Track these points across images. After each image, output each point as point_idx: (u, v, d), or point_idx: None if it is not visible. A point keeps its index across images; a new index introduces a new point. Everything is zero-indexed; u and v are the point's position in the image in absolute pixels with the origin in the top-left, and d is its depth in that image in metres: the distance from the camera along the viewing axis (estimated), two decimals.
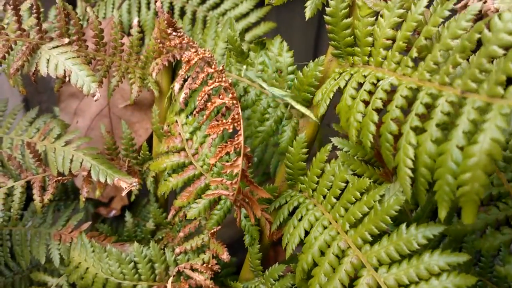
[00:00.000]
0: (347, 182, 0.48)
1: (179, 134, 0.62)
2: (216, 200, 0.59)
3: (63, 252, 0.65)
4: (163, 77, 0.66)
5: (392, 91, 0.43)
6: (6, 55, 0.59)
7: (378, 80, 0.45)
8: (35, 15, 0.59)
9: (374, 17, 0.47)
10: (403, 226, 0.42)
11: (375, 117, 0.43)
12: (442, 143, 0.36)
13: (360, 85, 0.46)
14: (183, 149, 0.61)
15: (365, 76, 0.46)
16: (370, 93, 0.45)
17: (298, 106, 0.53)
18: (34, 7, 0.59)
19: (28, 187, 0.65)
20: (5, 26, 0.65)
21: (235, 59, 0.59)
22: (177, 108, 0.63)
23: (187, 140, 0.61)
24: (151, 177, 0.67)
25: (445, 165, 0.35)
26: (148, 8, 0.92)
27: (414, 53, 0.42)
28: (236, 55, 0.59)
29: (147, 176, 0.68)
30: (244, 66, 0.57)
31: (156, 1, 0.91)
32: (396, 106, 0.41)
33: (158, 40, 0.61)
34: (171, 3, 0.92)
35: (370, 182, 0.46)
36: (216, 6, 0.92)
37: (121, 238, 0.70)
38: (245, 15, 0.92)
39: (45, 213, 0.71)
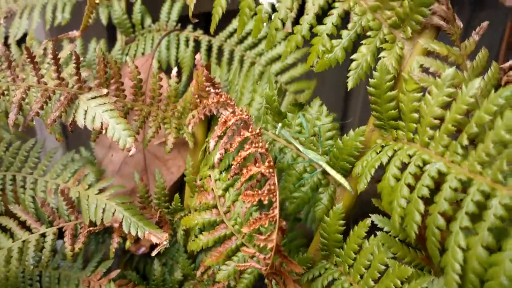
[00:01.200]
0: (386, 265, 0.46)
1: (212, 190, 0.60)
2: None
3: None
4: (198, 129, 0.65)
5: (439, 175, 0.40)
6: (44, 105, 0.59)
7: (425, 163, 0.42)
8: (75, 64, 0.60)
9: (421, 93, 0.44)
10: None
11: (421, 206, 0.40)
12: (495, 251, 0.33)
13: (404, 165, 0.44)
14: (215, 206, 0.60)
15: (410, 156, 0.43)
16: (415, 176, 0.42)
17: (334, 174, 0.51)
18: (74, 57, 0.59)
19: (60, 231, 0.66)
20: (44, 72, 0.66)
21: (272, 118, 0.58)
22: (211, 162, 0.62)
23: (219, 196, 0.60)
24: (181, 230, 0.66)
25: (497, 279, 0.32)
26: (187, 45, 0.92)
27: (464, 140, 0.39)
28: (273, 114, 0.57)
29: (177, 227, 0.67)
30: (279, 124, 0.56)
31: (197, 41, 0.91)
32: (445, 199, 0.38)
33: (196, 95, 0.60)
34: (209, 41, 0.92)
35: (412, 271, 0.43)
36: (253, 46, 0.91)
37: (149, 286, 0.70)
38: (282, 55, 0.91)
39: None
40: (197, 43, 0.92)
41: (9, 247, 0.63)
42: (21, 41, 0.91)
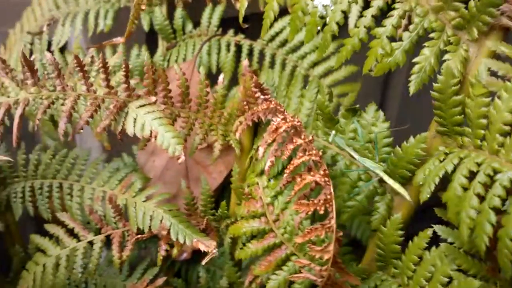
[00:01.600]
0: (450, 277, 0.44)
1: (260, 198, 0.59)
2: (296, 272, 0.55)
3: None
4: (245, 136, 0.64)
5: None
6: (94, 113, 0.59)
7: (495, 172, 0.39)
8: (124, 73, 0.59)
9: (490, 98, 0.42)
10: None
11: (493, 218, 0.38)
12: None
13: (472, 174, 0.41)
14: (264, 215, 0.59)
15: (478, 164, 0.41)
16: (485, 185, 0.40)
17: (392, 183, 0.49)
18: (124, 65, 0.59)
19: (107, 239, 0.66)
20: (92, 79, 0.66)
21: (323, 124, 0.56)
22: (258, 169, 0.60)
23: (268, 204, 0.58)
24: (228, 238, 0.65)
25: None
26: (228, 50, 0.91)
27: None
28: (324, 121, 0.56)
29: (224, 234, 0.66)
30: (333, 132, 0.54)
31: (238, 45, 0.91)
32: None
33: (244, 102, 0.59)
34: (250, 45, 0.91)
35: (479, 284, 0.41)
36: (295, 49, 0.89)
37: None
38: (325, 58, 0.89)
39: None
40: (238, 48, 0.91)
41: (57, 254, 0.64)
42: (62, 49, 0.92)
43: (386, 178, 0.49)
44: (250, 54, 0.91)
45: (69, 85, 0.61)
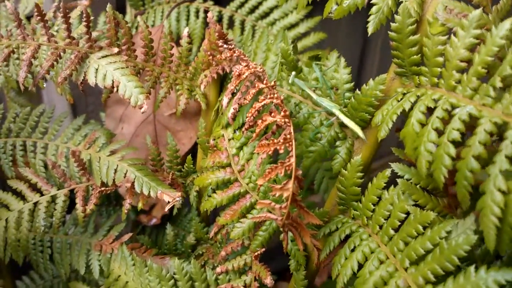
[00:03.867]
0: (407, 213, 0.45)
1: (225, 149, 0.59)
2: (261, 221, 0.56)
3: (103, 263, 0.64)
4: (211, 89, 0.64)
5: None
6: (55, 63, 0.58)
7: (453, 107, 0.41)
8: (85, 23, 0.58)
9: (446, 36, 0.43)
10: (472, 268, 0.38)
11: (452, 150, 0.39)
12: None
13: (430, 110, 0.42)
14: (229, 165, 0.59)
15: (435, 101, 0.42)
16: (443, 120, 0.41)
17: (347, 121, 0.50)
18: (85, 15, 0.58)
19: (71, 194, 0.65)
20: (54, 33, 0.65)
21: (288, 74, 0.56)
22: (224, 122, 0.60)
23: (233, 155, 0.59)
24: (194, 191, 0.65)
25: None
26: (197, 17, 0.90)
27: (497, 82, 0.38)
28: (288, 70, 0.56)
29: (190, 189, 0.66)
30: (293, 73, 0.54)
31: (207, 12, 0.90)
32: (479, 142, 0.37)
33: (208, 52, 0.59)
34: (220, 12, 0.91)
35: (434, 216, 0.42)
36: (265, 15, 0.90)
37: (161, 251, 0.69)
38: (294, 25, 0.89)
39: (86, 221, 0.70)
40: (207, 15, 0.90)
41: (19, 209, 0.63)
42: (29, 18, 0.90)
43: (342, 116, 0.50)
44: (220, 21, 0.91)
45: (29, 35, 0.60)
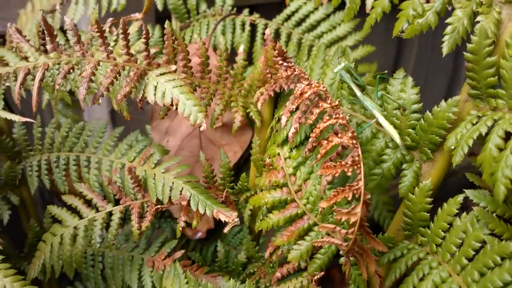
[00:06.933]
0: (482, 242, 0.43)
1: (282, 168, 0.58)
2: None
3: (155, 280, 0.64)
4: (265, 107, 0.63)
5: None
6: (114, 80, 0.58)
7: None
8: (144, 40, 0.59)
9: None
10: None
11: None
12: None
13: (508, 134, 0.40)
14: (285, 185, 0.58)
15: None
16: None
17: (386, 124, 0.49)
18: (144, 32, 0.59)
19: (126, 210, 0.65)
20: (111, 49, 0.65)
21: (348, 92, 0.55)
22: (279, 140, 0.60)
23: (290, 175, 0.58)
24: (248, 210, 0.64)
25: None
26: (243, 30, 0.90)
27: None
28: (349, 88, 0.55)
29: (243, 207, 0.65)
30: (342, 64, 0.54)
31: (253, 25, 0.90)
32: None
33: (267, 70, 0.58)
34: (265, 24, 0.90)
35: None
36: (312, 28, 0.89)
37: (212, 269, 0.68)
38: (342, 38, 0.88)
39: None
40: (253, 27, 0.90)
41: (75, 225, 0.63)
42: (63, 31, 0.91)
43: (381, 119, 0.49)
44: (264, 34, 0.90)
45: (88, 52, 0.61)
